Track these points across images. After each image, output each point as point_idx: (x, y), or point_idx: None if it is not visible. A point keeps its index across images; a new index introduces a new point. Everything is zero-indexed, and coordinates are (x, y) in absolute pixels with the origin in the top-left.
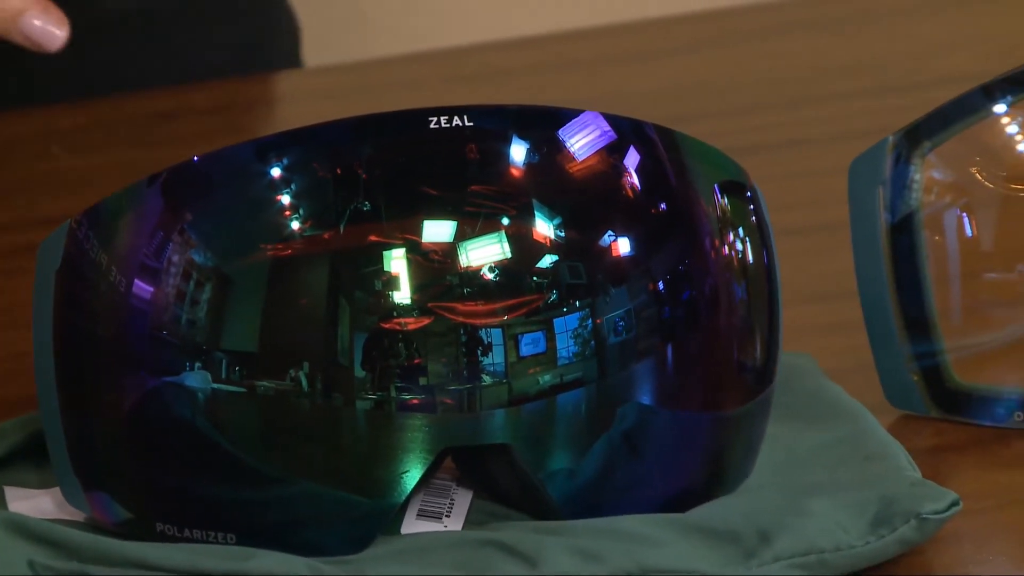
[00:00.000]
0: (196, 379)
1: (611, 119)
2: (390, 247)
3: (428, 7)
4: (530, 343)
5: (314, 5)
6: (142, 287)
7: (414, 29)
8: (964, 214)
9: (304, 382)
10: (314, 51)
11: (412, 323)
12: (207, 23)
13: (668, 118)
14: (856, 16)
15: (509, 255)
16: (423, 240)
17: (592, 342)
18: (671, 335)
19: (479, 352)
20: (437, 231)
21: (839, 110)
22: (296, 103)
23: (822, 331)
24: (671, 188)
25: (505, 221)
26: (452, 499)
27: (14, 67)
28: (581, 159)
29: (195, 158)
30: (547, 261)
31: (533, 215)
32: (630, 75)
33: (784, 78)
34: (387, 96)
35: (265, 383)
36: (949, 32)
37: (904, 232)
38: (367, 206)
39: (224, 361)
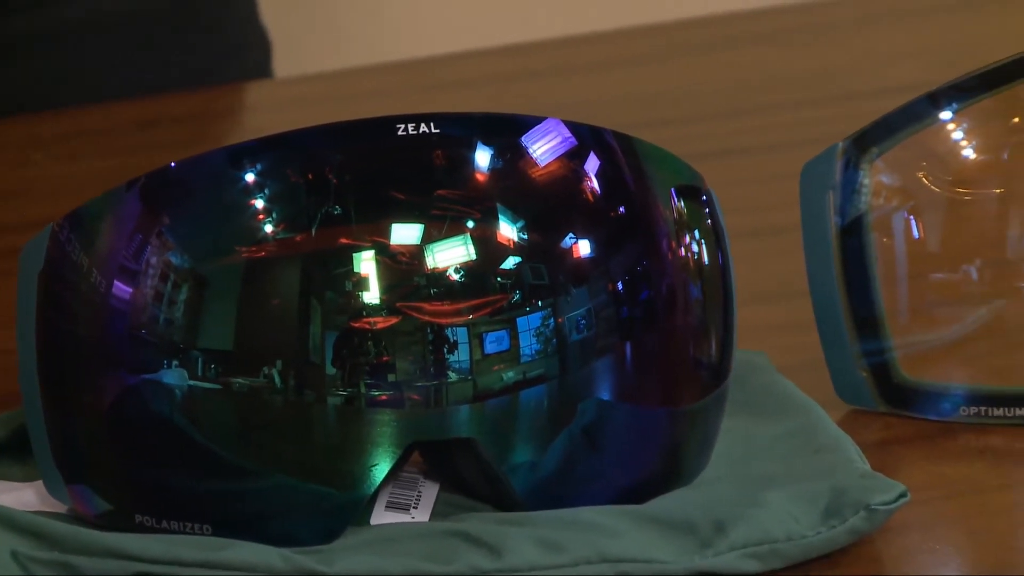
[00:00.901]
0: (173, 376)
1: (571, 126)
2: (360, 249)
3: (395, 19)
4: (494, 341)
5: (285, 18)
6: (121, 288)
7: (382, 40)
8: (911, 217)
9: (277, 379)
10: (285, 62)
11: (381, 322)
12: (180, 37)
13: (626, 125)
14: (805, 29)
15: (474, 257)
16: (391, 243)
17: (554, 340)
18: (630, 333)
19: (445, 350)
20: (405, 234)
21: (790, 118)
22: (268, 112)
23: (775, 330)
24: (629, 192)
25: (470, 224)
26: (419, 491)
27: None
28: (543, 164)
29: (172, 164)
30: (510, 262)
31: (497, 218)
32: (589, 84)
33: (737, 87)
34: (356, 104)
35: (240, 380)
36: (894, 44)
37: (853, 234)
38: (337, 210)
39: (200, 359)
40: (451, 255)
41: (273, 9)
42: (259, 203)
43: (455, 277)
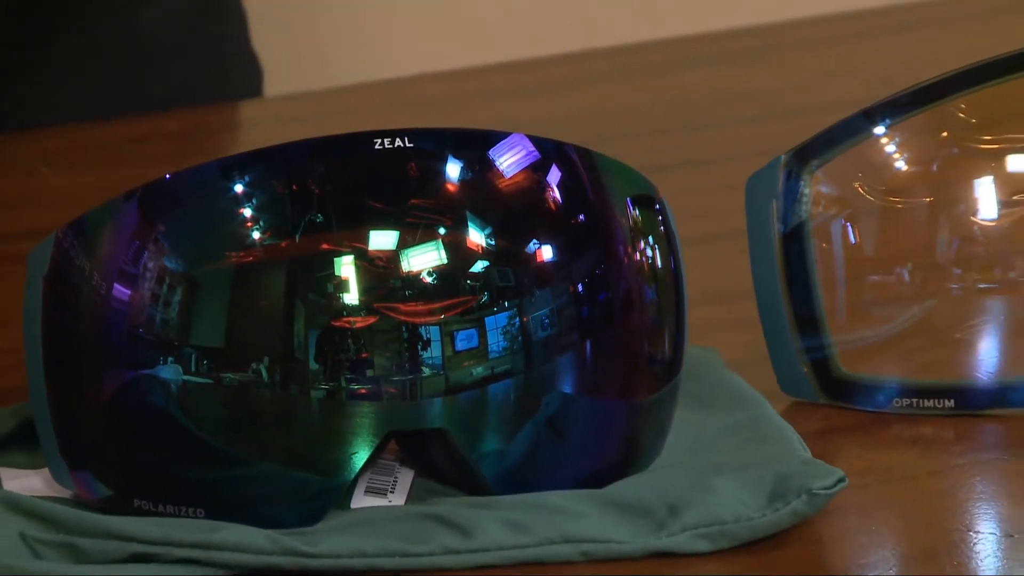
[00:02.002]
0: (169, 372)
1: (535, 140)
2: (340, 254)
3: (373, 44)
4: (464, 339)
5: (274, 43)
6: (120, 290)
7: (361, 63)
8: (848, 224)
9: (264, 374)
10: (273, 82)
11: (360, 322)
12: (182, 61)
13: (586, 140)
14: (751, 52)
15: (445, 261)
16: (369, 248)
17: (519, 338)
18: (589, 331)
19: (419, 347)
20: (381, 240)
21: (737, 133)
22: (257, 128)
23: (724, 328)
24: (589, 201)
25: (442, 231)
26: (396, 477)
27: (5, 94)
28: (509, 176)
29: (167, 176)
30: (479, 266)
31: (466, 225)
32: (552, 102)
33: (688, 105)
34: (337, 121)
35: (230, 375)
36: (831, 65)
37: (795, 240)
38: (319, 218)
39: (193, 356)
40: (424, 259)
41: (263, 36)
42: (247, 212)
43: (428, 280)
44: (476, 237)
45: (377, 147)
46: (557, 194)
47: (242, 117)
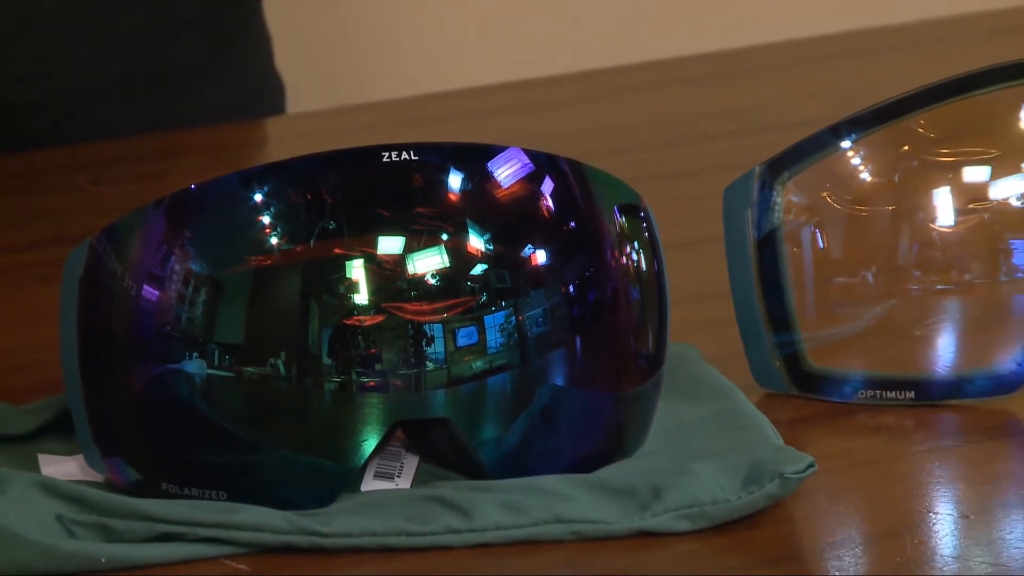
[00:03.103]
0: (194, 366)
1: (530, 153)
2: (351, 258)
3: (386, 66)
4: (465, 336)
5: (296, 65)
6: (149, 291)
7: (375, 83)
8: (817, 230)
9: (282, 368)
10: (295, 100)
11: (369, 320)
12: (212, 85)
13: (576, 153)
14: (726, 73)
15: (448, 264)
16: (378, 253)
17: (515, 335)
18: (580, 329)
19: (424, 343)
20: (389, 245)
21: (714, 147)
22: (279, 143)
23: (702, 326)
24: (579, 209)
25: (444, 237)
26: (402, 463)
27: (61, 116)
28: (506, 186)
29: (192, 186)
30: (479, 269)
31: (467, 231)
32: (547, 119)
33: (670, 122)
34: (352, 136)
35: (250, 369)
36: (802, 85)
37: (768, 245)
38: (332, 225)
39: (216, 351)
40: (428, 263)
41: (287, 59)
42: (266, 219)
43: (432, 281)
44: (476, 242)
45: (385, 160)
46: (550, 203)
47: (265, 133)
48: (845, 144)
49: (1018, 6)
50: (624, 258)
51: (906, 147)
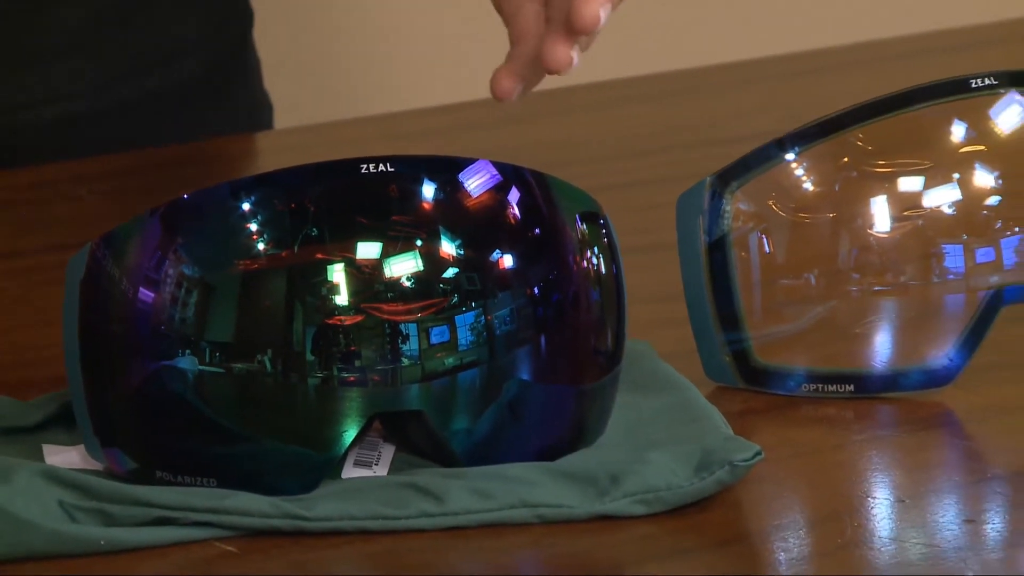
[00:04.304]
0: (187, 363)
1: (498, 165)
2: (332, 263)
3: (367, 85)
4: (438, 334)
5: (284, 84)
6: (145, 293)
7: (357, 100)
8: (763, 236)
9: (268, 365)
10: (282, 117)
11: (349, 320)
12: (205, 107)
13: (541, 165)
14: (681, 90)
15: (422, 268)
16: (357, 257)
17: (484, 333)
18: (544, 328)
19: (399, 341)
20: (367, 251)
21: (668, 159)
22: (267, 156)
23: (658, 325)
24: (543, 217)
25: (418, 243)
26: (380, 452)
27: (52, 134)
28: (475, 196)
29: (185, 196)
30: (450, 272)
31: (439, 238)
32: (513, 133)
33: (627, 137)
34: (335, 150)
35: (239, 365)
36: (750, 102)
37: (718, 250)
38: (315, 232)
39: (208, 349)
40: (404, 267)
41: (275, 78)
42: (253, 226)
43: (407, 284)
44: (447, 248)
45: (363, 171)
46: (516, 211)
47: (255, 147)
48: (789, 156)
49: (945, 30)
50: (585, 262)
51: (846, 159)
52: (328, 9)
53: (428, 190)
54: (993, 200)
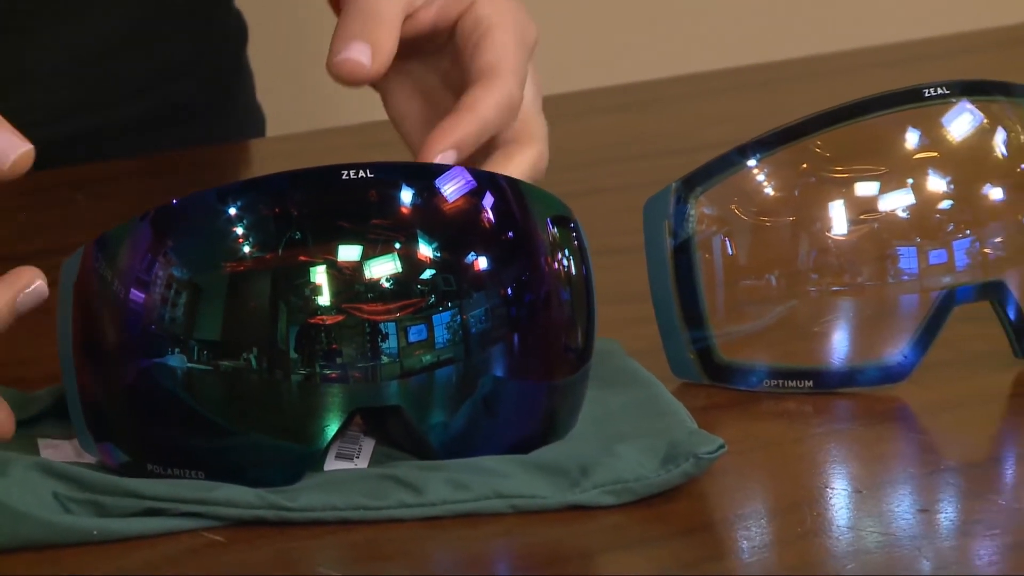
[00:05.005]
0: (175, 360)
1: (473, 172)
2: (315, 265)
3: (353, 96)
4: (415, 333)
5: (274, 97)
6: (136, 294)
7: (343, 110)
8: (726, 239)
9: (254, 362)
10: (273, 126)
11: (331, 319)
12: (202, 123)
13: None
14: (649, 101)
15: (400, 270)
16: (338, 260)
17: (460, 332)
18: (517, 326)
19: (379, 340)
20: (348, 253)
21: (634, 167)
22: (255, 163)
23: (626, 324)
24: (516, 221)
25: (397, 245)
26: (360, 445)
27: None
28: (451, 201)
29: (174, 201)
30: (427, 274)
31: (417, 241)
32: None
33: (595, 145)
34: (321, 157)
35: (225, 363)
36: (713, 112)
37: (683, 252)
38: (298, 235)
39: (196, 347)
40: (383, 268)
41: (266, 91)
42: (239, 230)
43: (386, 285)
44: (425, 250)
45: (344, 177)
46: (490, 215)
47: (247, 154)
48: (751, 163)
49: (898, 43)
50: (556, 264)
51: (805, 165)
52: (320, 17)
53: (406, 195)
54: (945, 204)
